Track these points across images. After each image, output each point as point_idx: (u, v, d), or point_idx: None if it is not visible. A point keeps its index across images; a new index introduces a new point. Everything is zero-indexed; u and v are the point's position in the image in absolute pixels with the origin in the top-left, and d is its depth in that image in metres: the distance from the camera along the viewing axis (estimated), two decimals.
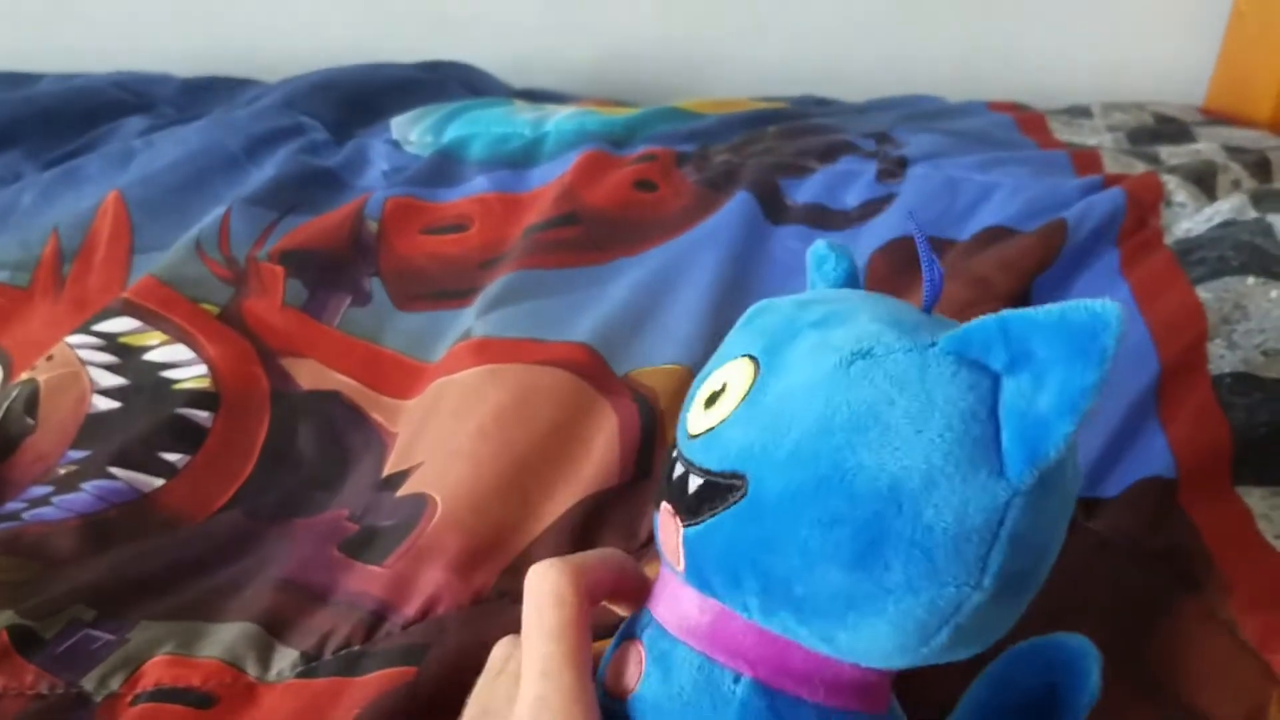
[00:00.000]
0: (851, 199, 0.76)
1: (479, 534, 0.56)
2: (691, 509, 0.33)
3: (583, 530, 0.57)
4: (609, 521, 0.57)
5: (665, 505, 0.34)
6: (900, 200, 0.75)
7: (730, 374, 0.34)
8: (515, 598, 0.54)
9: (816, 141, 0.83)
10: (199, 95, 0.99)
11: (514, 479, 0.58)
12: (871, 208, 0.74)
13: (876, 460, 0.29)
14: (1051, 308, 0.28)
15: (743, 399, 0.33)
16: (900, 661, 0.32)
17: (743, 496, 0.31)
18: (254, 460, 0.63)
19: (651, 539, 0.56)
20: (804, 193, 0.78)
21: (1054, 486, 0.31)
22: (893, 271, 0.68)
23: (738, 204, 0.76)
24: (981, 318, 0.30)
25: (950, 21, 1.14)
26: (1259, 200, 0.68)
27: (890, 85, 1.10)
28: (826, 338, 0.32)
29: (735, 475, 0.32)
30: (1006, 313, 0.29)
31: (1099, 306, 0.27)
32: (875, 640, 0.31)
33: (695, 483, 0.33)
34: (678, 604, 0.35)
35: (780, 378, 0.32)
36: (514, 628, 0.51)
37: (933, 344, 0.31)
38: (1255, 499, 0.50)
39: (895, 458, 0.29)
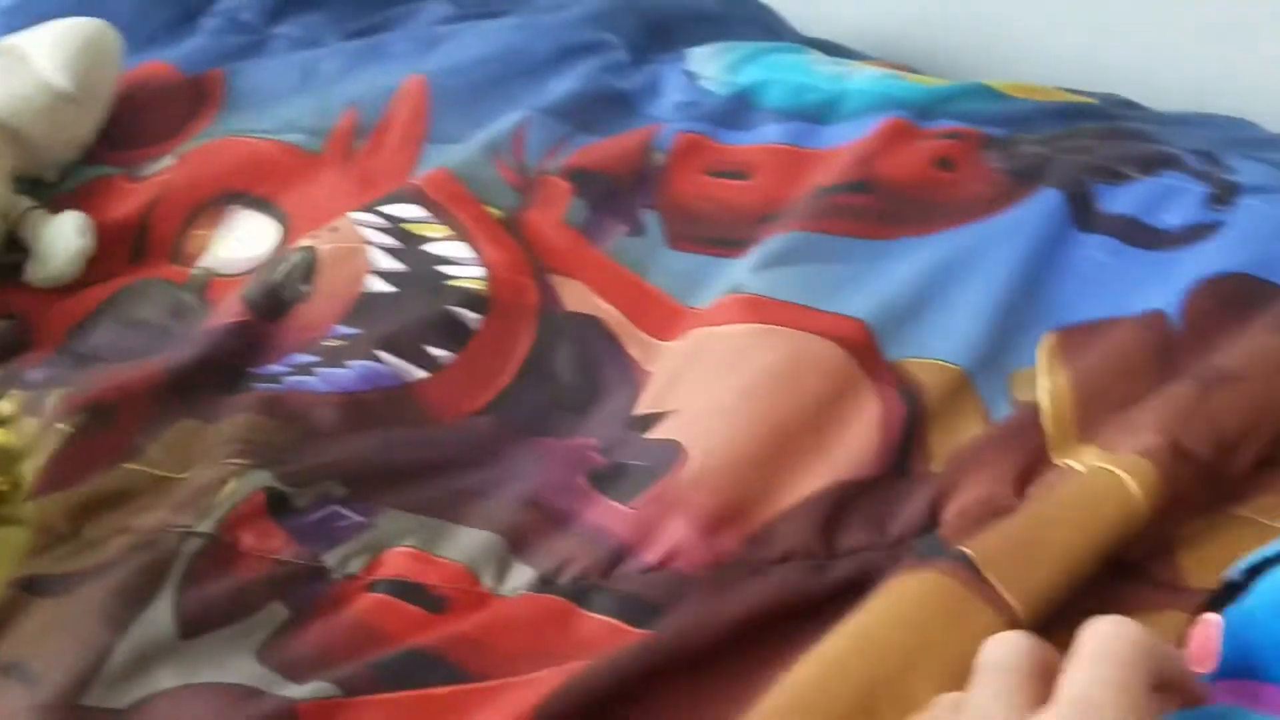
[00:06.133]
0: (1173, 219, 0.69)
1: (728, 496, 0.54)
2: None
3: (831, 515, 0.54)
4: (859, 511, 0.54)
5: None
6: (1228, 230, 0.68)
7: None
8: (754, 568, 0.53)
9: (1138, 149, 0.77)
10: None
11: (771, 447, 0.56)
12: (1197, 232, 0.68)
13: None
14: None
15: None
16: None
17: None
18: (512, 371, 0.63)
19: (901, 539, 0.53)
20: (1118, 202, 0.71)
21: None
22: (1219, 308, 0.62)
23: (1043, 201, 0.71)
24: None
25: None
26: None
27: (1193, 100, 1.00)
28: None
29: None
30: None
31: None
32: None
33: None
34: None
35: None
36: (752, 600, 0.50)
37: None
38: None
39: None
